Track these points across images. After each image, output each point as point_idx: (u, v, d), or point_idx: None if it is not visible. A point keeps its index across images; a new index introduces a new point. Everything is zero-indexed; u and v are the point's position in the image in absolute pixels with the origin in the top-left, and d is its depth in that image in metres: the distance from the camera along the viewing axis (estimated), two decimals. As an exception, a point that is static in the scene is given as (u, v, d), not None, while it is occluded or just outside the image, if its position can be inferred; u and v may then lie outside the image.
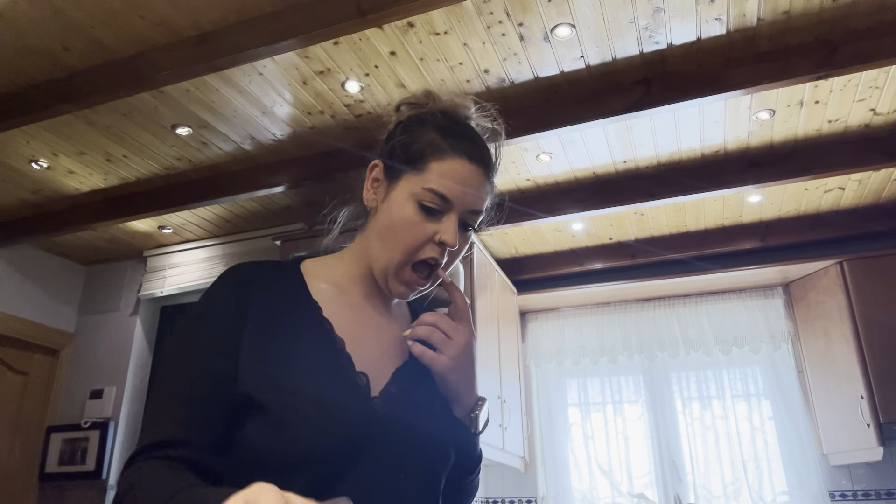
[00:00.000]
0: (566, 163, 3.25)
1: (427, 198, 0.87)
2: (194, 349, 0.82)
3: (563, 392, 4.42)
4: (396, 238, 0.88)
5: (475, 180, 0.90)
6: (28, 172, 3.23)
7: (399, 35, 2.35)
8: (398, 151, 0.92)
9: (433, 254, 0.88)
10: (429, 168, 0.88)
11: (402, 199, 0.89)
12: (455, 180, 0.88)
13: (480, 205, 0.92)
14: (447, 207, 0.88)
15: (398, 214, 0.88)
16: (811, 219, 3.85)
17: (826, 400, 3.74)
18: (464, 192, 0.88)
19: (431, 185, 0.87)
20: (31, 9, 2.18)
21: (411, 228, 0.87)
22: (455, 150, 0.90)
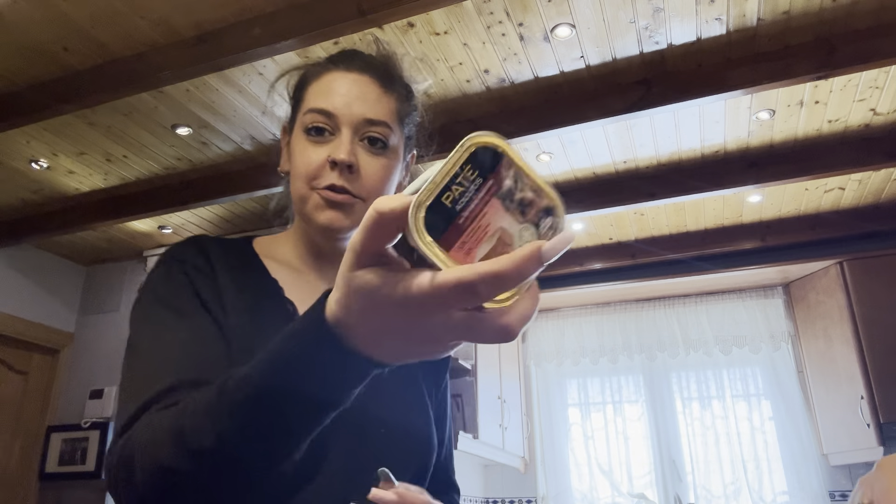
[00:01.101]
0: (566, 163, 3.25)
1: (309, 120, 0.80)
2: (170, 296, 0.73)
3: (563, 392, 4.42)
4: (296, 174, 0.81)
5: (360, 88, 0.82)
6: (28, 172, 3.23)
7: (399, 35, 2.35)
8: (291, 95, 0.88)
9: (330, 179, 0.78)
10: (308, 95, 0.83)
11: (295, 141, 0.83)
12: (331, 92, 0.81)
13: (375, 112, 0.81)
14: (334, 124, 0.80)
15: (293, 154, 0.83)
16: (811, 219, 3.85)
17: (826, 400, 3.74)
18: (347, 100, 0.80)
19: (310, 105, 0.81)
20: (31, 9, 2.18)
21: (303, 157, 0.80)
22: (330, 65, 0.84)
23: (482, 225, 0.41)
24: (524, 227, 0.41)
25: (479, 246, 0.41)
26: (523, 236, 0.41)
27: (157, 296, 0.74)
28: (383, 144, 0.81)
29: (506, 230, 0.41)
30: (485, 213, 0.41)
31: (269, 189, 3.19)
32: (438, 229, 0.40)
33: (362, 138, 0.80)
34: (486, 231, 0.41)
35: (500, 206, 0.41)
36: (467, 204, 0.41)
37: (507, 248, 0.41)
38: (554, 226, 0.42)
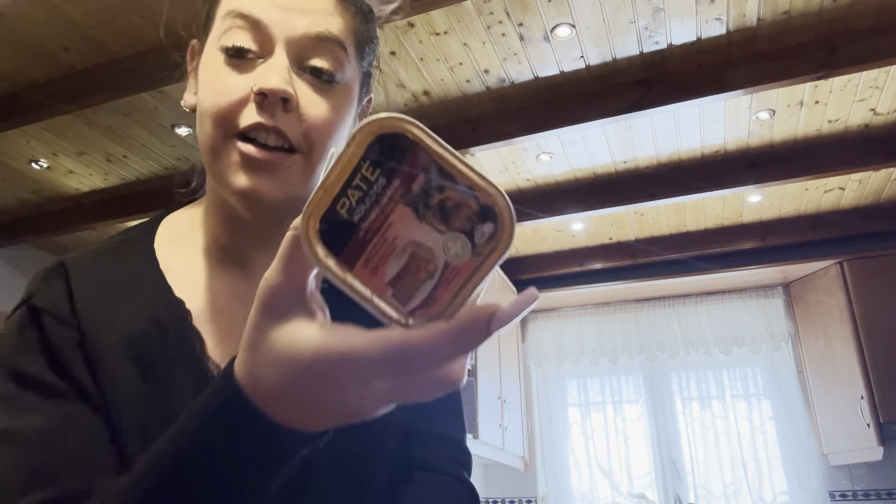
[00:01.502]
0: (566, 163, 3.25)
1: (228, 33, 0.55)
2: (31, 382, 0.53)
3: (563, 392, 4.43)
4: (204, 109, 0.56)
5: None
6: (28, 172, 3.23)
7: (399, 35, 2.35)
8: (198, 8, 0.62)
9: (255, 119, 0.53)
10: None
11: (206, 64, 0.57)
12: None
13: (321, 27, 0.56)
14: (264, 40, 0.55)
15: (205, 77, 0.57)
16: (811, 219, 3.85)
17: (826, 400, 3.74)
18: (285, 5, 0.55)
19: (229, 5, 0.56)
20: (31, 9, 2.18)
21: (216, 85, 0.55)
22: None
23: (388, 238, 0.32)
24: (450, 238, 0.32)
25: (388, 262, 0.33)
26: (449, 249, 0.32)
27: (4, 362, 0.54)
28: (330, 77, 0.57)
29: (421, 244, 0.32)
30: (391, 222, 0.32)
31: (269, 189, 3.19)
32: (337, 242, 0.33)
33: (303, 66, 0.56)
34: (393, 246, 0.32)
35: (409, 215, 0.32)
36: (368, 210, 0.32)
37: (427, 266, 0.32)
38: (495, 235, 0.32)
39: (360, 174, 0.32)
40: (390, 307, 0.33)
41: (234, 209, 0.58)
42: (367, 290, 0.33)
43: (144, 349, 0.55)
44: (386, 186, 0.32)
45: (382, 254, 0.33)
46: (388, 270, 0.33)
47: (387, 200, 0.32)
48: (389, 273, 0.33)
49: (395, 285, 0.33)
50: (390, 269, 0.33)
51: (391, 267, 0.33)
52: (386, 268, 0.33)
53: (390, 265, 0.33)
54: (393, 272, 0.33)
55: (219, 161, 0.55)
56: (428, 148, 0.32)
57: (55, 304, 0.56)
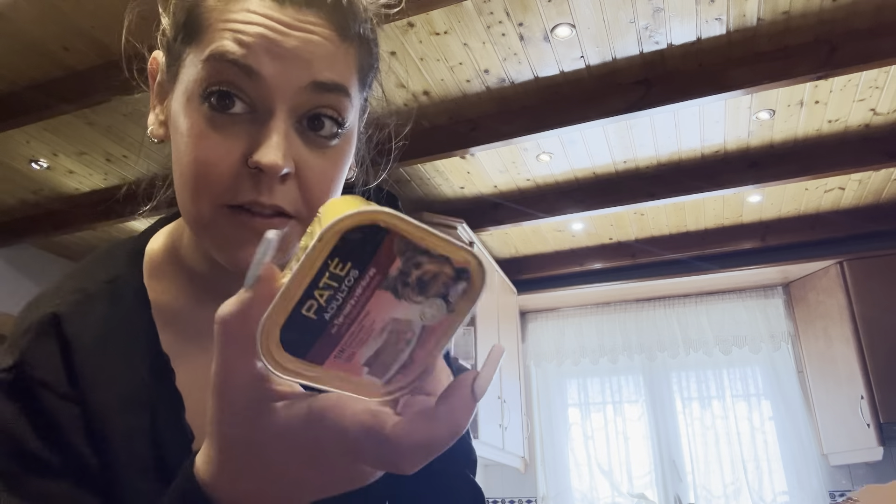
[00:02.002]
0: (566, 163, 3.25)
1: (211, 79, 0.46)
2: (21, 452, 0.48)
3: (563, 392, 4.43)
4: (186, 179, 0.48)
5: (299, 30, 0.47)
6: (28, 172, 3.23)
7: (399, 35, 2.35)
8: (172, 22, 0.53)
9: (251, 196, 0.46)
10: (210, 24, 0.47)
11: (181, 102, 0.49)
12: (263, 30, 0.46)
13: (326, 74, 0.47)
14: (260, 94, 0.46)
15: (177, 130, 0.50)
16: (811, 219, 3.85)
17: (826, 400, 3.74)
18: (277, 50, 0.45)
19: (215, 44, 0.46)
20: (31, 9, 2.18)
21: (199, 145, 0.46)
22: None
23: (366, 325, 0.32)
24: (427, 305, 0.33)
25: (364, 347, 0.33)
26: (426, 315, 0.33)
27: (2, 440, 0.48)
28: (338, 128, 0.49)
29: (399, 319, 0.33)
30: (367, 311, 0.32)
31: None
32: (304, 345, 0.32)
33: (302, 122, 0.48)
34: (371, 330, 0.32)
35: (388, 298, 0.32)
36: (340, 308, 0.31)
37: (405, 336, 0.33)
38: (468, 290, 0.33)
39: (329, 272, 0.31)
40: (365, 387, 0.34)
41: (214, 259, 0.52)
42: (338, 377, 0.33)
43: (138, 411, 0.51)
44: (360, 277, 0.31)
45: (360, 340, 0.33)
46: (365, 353, 0.33)
47: (362, 291, 0.31)
48: (366, 354, 0.33)
49: (371, 363, 0.33)
50: (367, 351, 0.33)
51: (368, 348, 0.33)
52: (362, 351, 0.33)
53: (368, 348, 0.33)
54: (370, 352, 0.33)
55: (208, 233, 0.49)
56: (402, 231, 0.31)
57: (52, 373, 0.50)
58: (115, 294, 0.55)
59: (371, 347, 0.33)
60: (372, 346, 0.33)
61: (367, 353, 0.33)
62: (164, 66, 0.53)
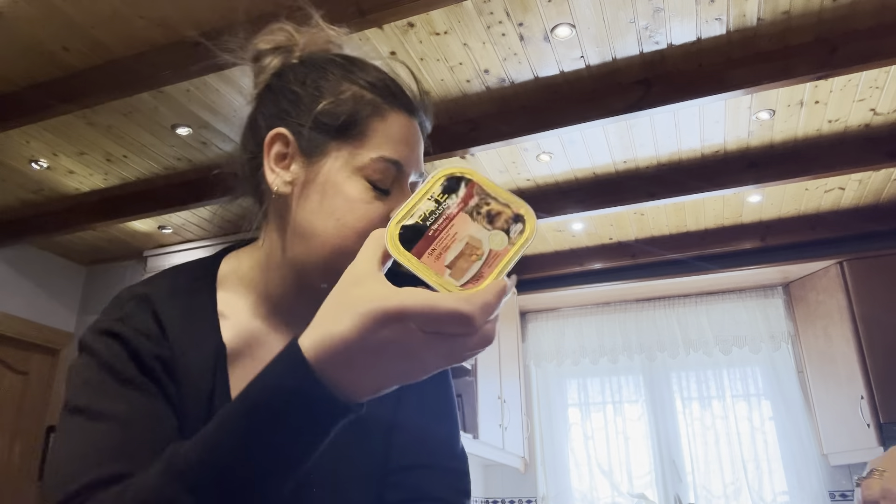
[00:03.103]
0: (566, 163, 3.25)
1: (378, 170, 0.67)
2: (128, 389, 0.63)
3: (563, 392, 4.43)
4: (344, 222, 0.66)
5: (417, 135, 0.71)
6: (28, 172, 3.23)
7: (399, 35, 2.35)
8: (319, 116, 0.69)
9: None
10: (371, 132, 0.68)
11: (339, 177, 0.67)
12: (402, 141, 0.69)
13: (421, 163, 0.72)
14: (399, 177, 0.69)
15: (339, 195, 0.67)
16: (811, 219, 3.85)
17: (826, 400, 3.74)
18: (411, 153, 0.70)
19: (382, 153, 0.67)
20: (31, 9, 2.18)
21: (363, 210, 0.66)
22: (392, 102, 0.71)
23: (450, 234, 0.48)
24: (493, 234, 0.48)
25: (448, 251, 0.47)
26: (493, 240, 0.48)
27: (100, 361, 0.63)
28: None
29: (473, 236, 0.48)
30: (453, 224, 0.48)
31: (269, 189, 3.19)
32: (411, 241, 0.48)
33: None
34: (454, 238, 0.48)
35: (467, 219, 0.49)
36: (437, 219, 0.49)
37: (476, 251, 0.47)
38: (523, 230, 0.48)
39: (434, 198, 0.50)
40: (445, 282, 0.46)
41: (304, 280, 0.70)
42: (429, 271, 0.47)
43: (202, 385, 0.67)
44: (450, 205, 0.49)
45: (445, 244, 0.48)
46: (448, 255, 0.47)
47: (452, 211, 0.49)
48: (449, 258, 0.47)
49: (452, 266, 0.47)
50: (450, 255, 0.47)
51: (451, 253, 0.47)
52: (447, 254, 0.47)
53: (450, 252, 0.47)
54: (452, 257, 0.47)
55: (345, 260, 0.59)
56: (481, 182, 0.50)
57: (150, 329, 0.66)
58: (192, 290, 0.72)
59: (453, 252, 0.47)
60: (453, 252, 0.47)
61: (449, 256, 0.47)
62: (295, 142, 0.70)
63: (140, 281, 0.74)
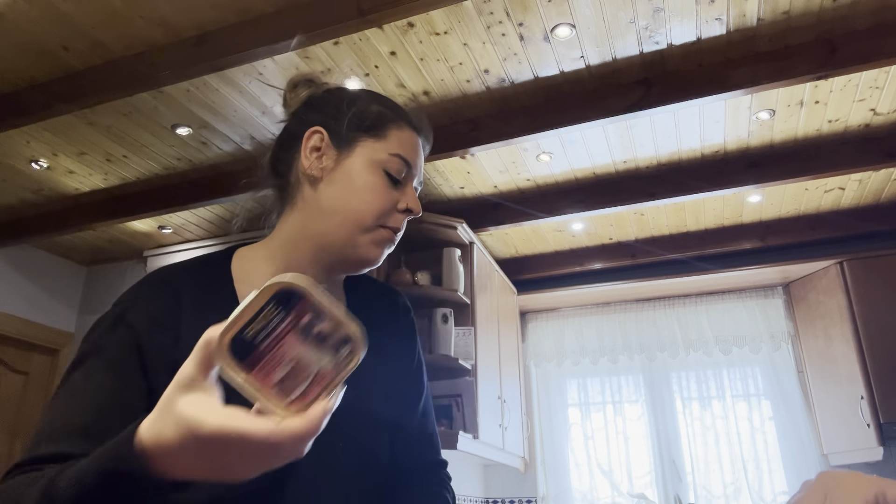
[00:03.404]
0: (566, 163, 3.25)
1: (394, 164, 0.86)
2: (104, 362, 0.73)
3: (563, 392, 4.43)
4: (365, 203, 0.84)
5: (420, 150, 0.92)
6: (28, 172, 3.23)
7: (399, 35, 2.35)
8: (351, 118, 0.88)
9: (397, 222, 0.87)
10: (390, 136, 0.88)
11: (362, 166, 0.86)
12: (412, 149, 0.90)
13: (422, 176, 0.94)
14: (407, 176, 0.88)
15: (362, 181, 0.85)
16: (811, 219, 3.85)
17: (826, 400, 3.74)
18: (419, 161, 0.90)
19: (398, 152, 0.87)
20: (31, 9, 2.18)
21: (380, 193, 0.85)
22: (407, 120, 0.91)
23: (279, 353, 0.50)
24: (322, 355, 0.50)
25: (276, 370, 0.49)
26: (321, 361, 0.50)
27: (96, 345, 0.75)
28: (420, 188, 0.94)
29: (303, 358, 0.50)
30: (282, 343, 0.50)
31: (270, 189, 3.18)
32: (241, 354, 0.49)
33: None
34: (282, 358, 0.50)
35: (296, 339, 0.50)
36: (266, 336, 0.49)
37: (303, 373, 0.50)
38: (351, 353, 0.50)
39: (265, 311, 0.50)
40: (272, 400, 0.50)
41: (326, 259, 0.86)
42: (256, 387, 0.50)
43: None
44: (283, 320, 0.50)
45: (274, 363, 0.50)
46: (277, 374, 0.49)
47: (282, 329, 0.50)
48: (278, 376, 0.49)
49: (280, 384, 0.50)
50: (278, 374, 0.49)
51: (279, 372, 0.49)
52: (275, 373, 0.49)
53: (279, 371, 0.50)
54: (280, 376, 0.49)
55: (364, 236, 0.84)
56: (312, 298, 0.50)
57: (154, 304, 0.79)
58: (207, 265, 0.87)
59: (281, 372, 0.50)
60: (281, 371, 0.50)
61: (278, 375, 0.50)
62: (329, 138, 0.87)
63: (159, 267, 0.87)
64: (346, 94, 0.92)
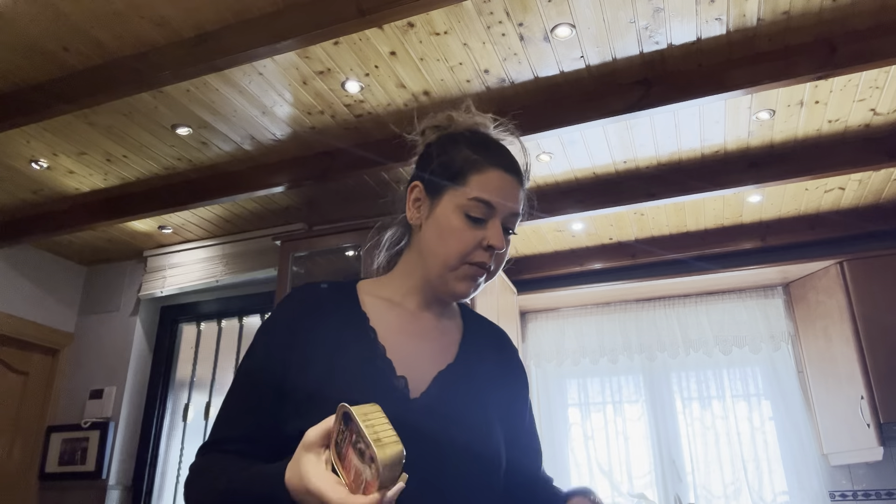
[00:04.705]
0: (566, 163, 3.25)
1: (472, 207, 0.96)
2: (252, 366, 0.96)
3: (563, 392, 4.42)
4: (448, 245, 0.95)
5: (511, 188, 0.99)
6: (28, 172, 3.23)
7: (399, 35, 2.35)
8: (438, 170, 1.00)
9: (483, 258, 0.96)
10: (470, 181, 0.97)
11: (448, 212, 0.97)
12: (494, 189, 0.97)
13: (518, 209, 1.00)
14: (490, 214, 0.96)
15: (446, 225, 0.96)
16: (811, 219, 3.85)
17: (826, 400, 3.74)
18: (503, 198, 0.97)
19: (475, 195, 0.96)
20: (31, 9, 2.18)
21: (461, 235, 0.95)
22: (491, 162, 0.99)
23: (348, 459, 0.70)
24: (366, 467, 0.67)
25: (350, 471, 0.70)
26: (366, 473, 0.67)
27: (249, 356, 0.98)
28: (513, 231, 1.02)
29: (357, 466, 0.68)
30: (347, 452, 0.71)
31: (270, 189, 3.19)
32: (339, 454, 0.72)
33: (504, 226, 0.99)
34: (350, 463, 0.70)
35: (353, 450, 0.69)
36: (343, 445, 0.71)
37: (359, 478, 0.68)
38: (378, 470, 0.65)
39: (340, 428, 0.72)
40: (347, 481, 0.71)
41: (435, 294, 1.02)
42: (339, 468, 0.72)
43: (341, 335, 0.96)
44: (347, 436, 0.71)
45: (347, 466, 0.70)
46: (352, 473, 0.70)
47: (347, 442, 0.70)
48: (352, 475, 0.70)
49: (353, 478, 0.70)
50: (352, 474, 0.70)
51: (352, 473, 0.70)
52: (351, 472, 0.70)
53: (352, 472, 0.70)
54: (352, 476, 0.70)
55: (451, 273, 0.97)
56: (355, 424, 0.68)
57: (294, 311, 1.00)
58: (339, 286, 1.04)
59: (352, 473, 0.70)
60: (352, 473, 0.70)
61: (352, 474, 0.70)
62: (424, 190, 1.02)
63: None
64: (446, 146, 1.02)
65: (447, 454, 0.88)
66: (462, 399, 0.95)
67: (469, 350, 1.03)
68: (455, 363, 0.99)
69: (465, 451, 0.90)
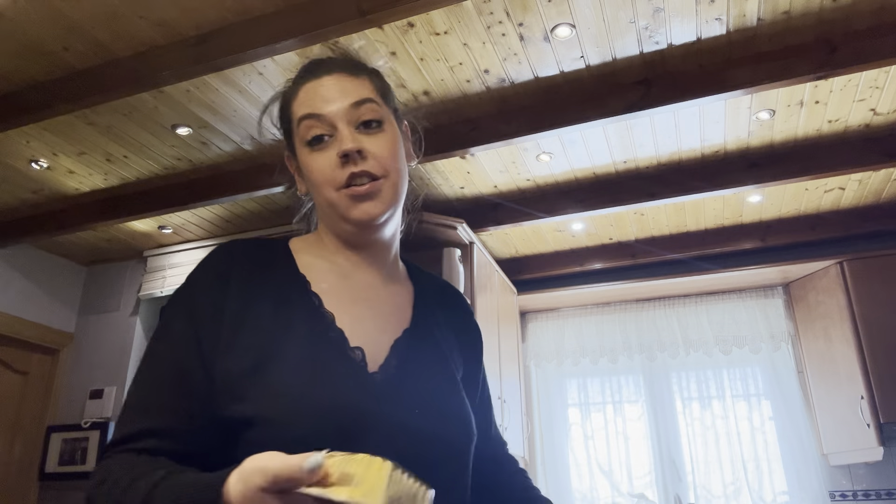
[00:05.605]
0: (566, 163, 3.25)
1: (304, 131, 0.86)
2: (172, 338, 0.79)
3: (563, 392, 4.42)
4: (317, 184, 0.86)
5: (330, 86, 0.87)
6: (28, 172, 3.23)
7: (399, 35, 2.35)
8: (282, 131, 0.94)
9: (348, 171, 0.83)
10: (293, 111, 0.89)
11: (302, 157, 0.88)
12: (309, 100, 0.87)
13: (356, 97, 0.86)
14: (328, 125, 0.85)
15: (306, 167, 0.87)
16: (811, 219, 3.85)
17: (826, 400, 3.74)
18: (328, 99, 0.85)
19: (298, 115, 0.87)
20: (31, 9, 2.18)
21: (316, 166, 0.85)
22: (299, 82, 0.90)
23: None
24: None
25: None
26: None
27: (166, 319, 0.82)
28: (378, 122, 0.87)
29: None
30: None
31: (269, 189, 3.19)
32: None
33: (357, 126, 0.86)
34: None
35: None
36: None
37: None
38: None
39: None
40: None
41: (350, 233, 0.88)
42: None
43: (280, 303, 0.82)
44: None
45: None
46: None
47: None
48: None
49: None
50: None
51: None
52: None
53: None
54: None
55: (338, 208, 0.85)
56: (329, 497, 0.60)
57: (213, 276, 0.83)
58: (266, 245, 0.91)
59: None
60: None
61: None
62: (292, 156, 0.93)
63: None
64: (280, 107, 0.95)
65: (418, 439, 0.78)
66: (427, 371, 0.85)
67: (424, 313, 0.92)
68: (411, 329, 0.88)
69: (436, 433, 0.80)
